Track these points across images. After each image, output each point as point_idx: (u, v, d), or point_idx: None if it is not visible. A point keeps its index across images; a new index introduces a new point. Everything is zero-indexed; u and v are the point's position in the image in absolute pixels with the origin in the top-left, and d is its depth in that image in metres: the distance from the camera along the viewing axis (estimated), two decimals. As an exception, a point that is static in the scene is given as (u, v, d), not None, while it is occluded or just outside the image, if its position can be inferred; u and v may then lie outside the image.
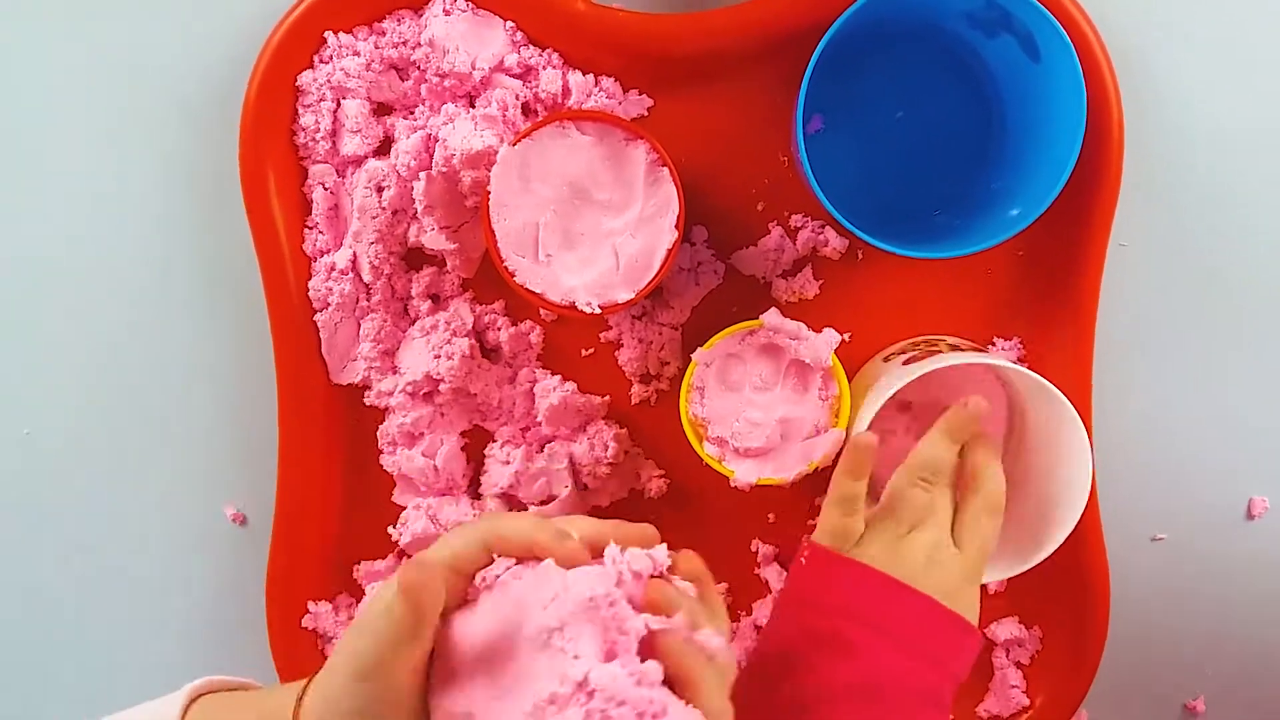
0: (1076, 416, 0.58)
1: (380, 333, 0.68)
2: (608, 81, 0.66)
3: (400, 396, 0.68)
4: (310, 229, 0.67)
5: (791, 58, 0.62)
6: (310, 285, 0.67)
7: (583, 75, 0.65)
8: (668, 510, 0.70)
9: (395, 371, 0.68)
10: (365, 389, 0.69)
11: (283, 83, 0.65)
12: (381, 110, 0.67)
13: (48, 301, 0.70)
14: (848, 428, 0.62)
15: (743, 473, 0.63)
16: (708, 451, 0.64)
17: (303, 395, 0.68)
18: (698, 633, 0.43)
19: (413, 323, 0.68)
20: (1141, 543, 0.71)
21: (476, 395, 0.68)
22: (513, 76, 0.65)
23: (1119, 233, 0.64)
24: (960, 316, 0.68)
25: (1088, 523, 0.60)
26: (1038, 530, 0.60)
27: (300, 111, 0.65)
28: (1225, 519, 0.70)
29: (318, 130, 0.65)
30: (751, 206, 0.67)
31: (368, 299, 0.67)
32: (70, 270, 0.70)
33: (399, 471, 0.69)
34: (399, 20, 0.65)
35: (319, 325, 0.67)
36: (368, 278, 0.67)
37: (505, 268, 0.61)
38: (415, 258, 0.68)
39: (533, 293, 0.61)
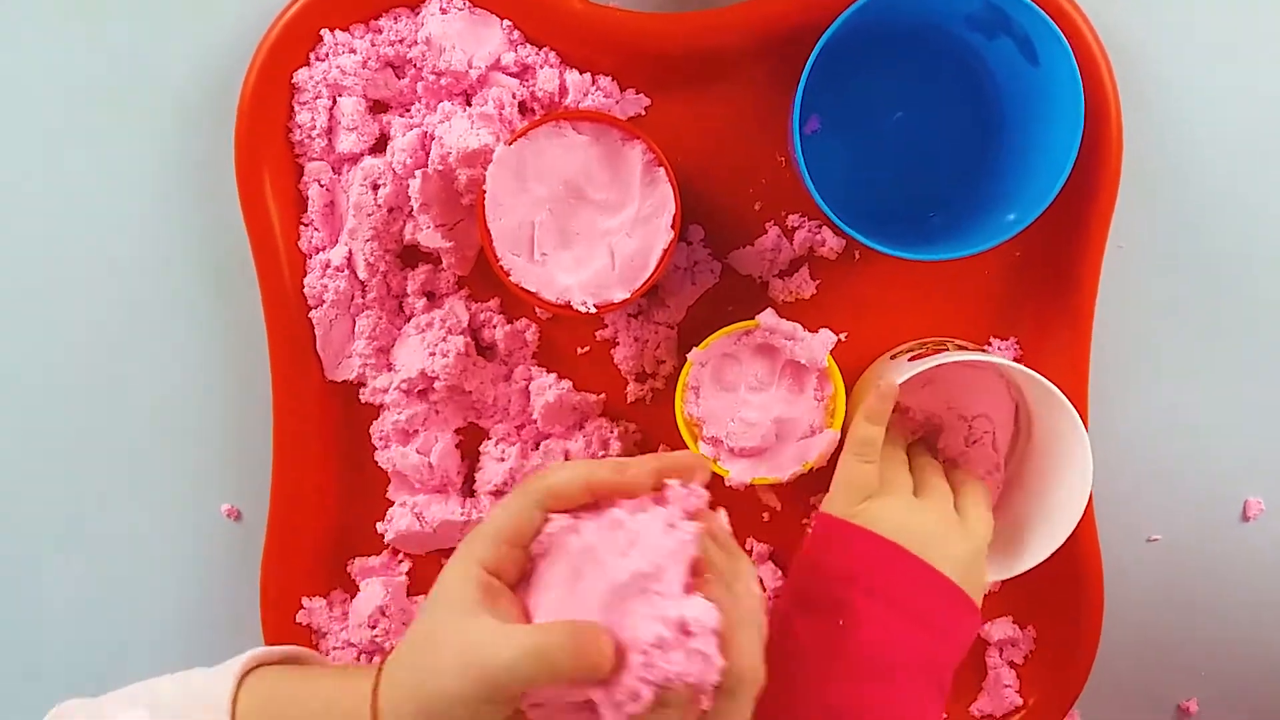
0: (1080, 423, 0.58)
1: (375, 330, 0.67)
2: (604, 80, 0.65)
3: (395, 393, 0.67)
4: (305, 226, 0.67)
5: (789, 58, 0.61)
6: (305, 282, 0.67)
7: (580, 74, 0.65)
8: (663, 509, 0.70)
9: (390, 369, 0.68)
10: (360, 386, 0.69)
11: (279, 80, 0.65)
12: (378, 108, 0.67)
13: (42, 299, 0.70)
14: (843, 428, 0.62)
15: (737, 473, 0.63)
16: (703, 451, 0.64)
17: (298, 392, 0.68)
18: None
19: (408, 320, 0.68)
20: (1136, 543, 0.71)
21: (471, 393, 0.68)
22: (509, 75, 0.65)
23: (1116, 234, 0.64)
24: (957, 317, 0.68)
25: (1083, 523, 0.60)
26: (1037, 533, 0.61)
27: (296, 109, 0.65)
28: (1220, 520, 0.71)
29: (314, 127, 0.65)
30: (748, 206, 0.67)
31: (363, 296, 0.67)
32: (64, 267, 0.70)
33: (393, 468, 0.69)
34: (395, 18, 0.65)
35: (314, 322, 0.67)
36: (363, 275, 0.66)
37: (501, 267, 0.61)
38: (410, 255, 0.68)
39: (528, 292, 0.61)
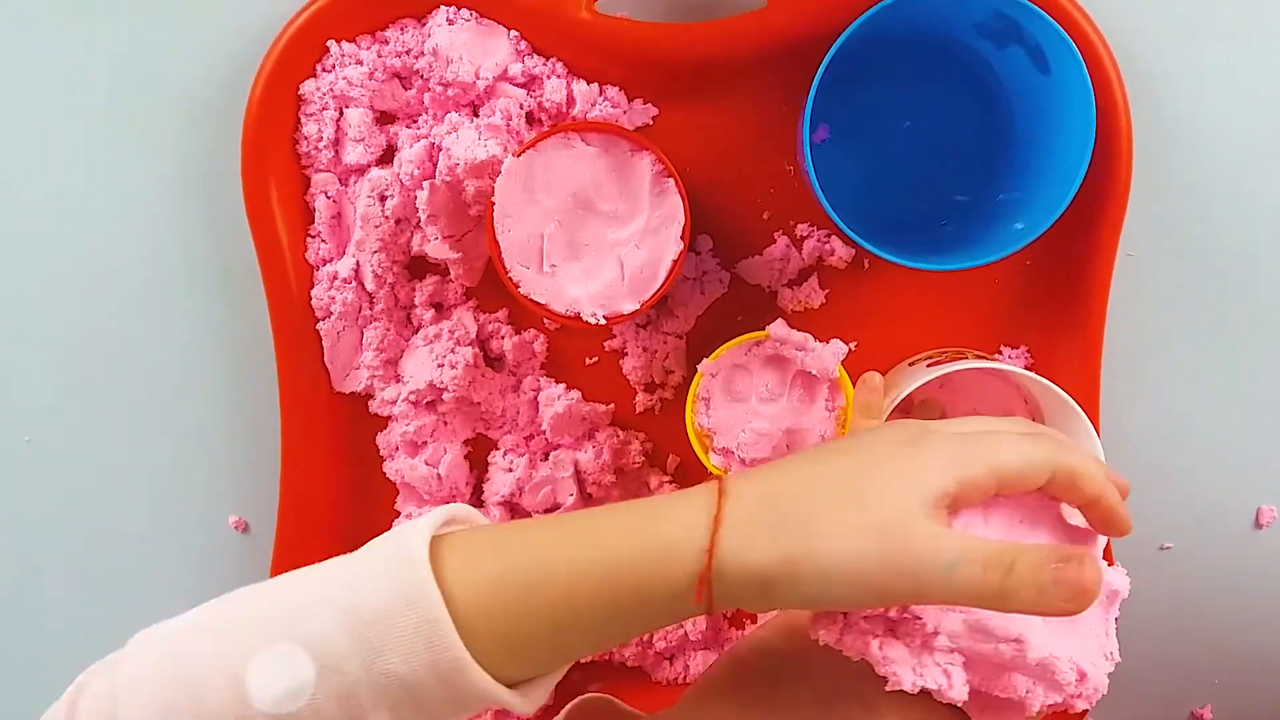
0: (1093, 431, 0.58)
1: (383, 341, 0.67)
2: (612, 91, 0.65)
3: (403, 405, 0.67)
4: (313, 238, 0.67)
5: (798, 67, 0.61)
6: (313, 294, 0.66)
7: (587, 84, 0.65)
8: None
9: (398, 380, 0.68)
10: (368, 397, 0.68)
11: (285, 91, 0.64)
12: (384, 119, 0.66)
13: (48, 311, 0.70)
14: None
15: (748, 484, 0.62)
16: (713, 462, 0.63)
17: (305, 403, 0.67)
18: None
19: (416, 331, 0.68)
20: (1149, 551, 0.70)
21: (480, 404, 0.68)
22: (517, 86, 0.65)
23: (1127, 243, 0.64)
24: (968, 326, 0.67)
25: (1095, 531, 0.60)
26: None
27: (303, 120, 0.65)
28: (1233, 528, 0.70)
29: (320, 139, 0.65)
30: (757, 215, 0.67)
31: (370, 308, 0.67)
32: (72, 279, 0.70)
33: (402, 479, 0.69)
34: (402, 29, 0.64)
35: (321, 334, 0.67)
36: (370, 286, 0.66)
37: (509, 279, 0.61)
38: (418, 267, 0.68)
39: (537, 303, 0.61)
